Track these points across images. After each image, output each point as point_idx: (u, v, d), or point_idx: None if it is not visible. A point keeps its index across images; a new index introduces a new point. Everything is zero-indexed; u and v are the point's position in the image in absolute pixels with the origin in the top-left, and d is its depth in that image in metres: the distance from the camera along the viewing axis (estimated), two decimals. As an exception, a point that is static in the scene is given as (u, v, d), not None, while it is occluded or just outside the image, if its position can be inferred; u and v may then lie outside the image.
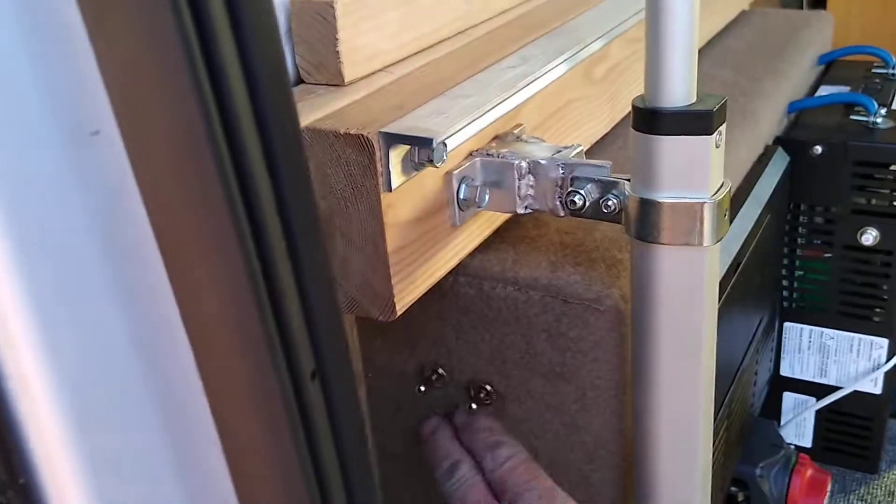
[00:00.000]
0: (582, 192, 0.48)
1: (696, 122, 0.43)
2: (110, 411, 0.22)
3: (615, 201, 0.47)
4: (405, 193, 0.45)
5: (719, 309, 0.63)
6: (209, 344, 0.23)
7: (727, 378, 0.71)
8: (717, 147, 0.44)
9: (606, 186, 0.48)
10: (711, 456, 0.53)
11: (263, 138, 0.21)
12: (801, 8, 1.91)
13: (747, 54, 0.92)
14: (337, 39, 0.46)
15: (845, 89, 0.90)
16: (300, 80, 0.49)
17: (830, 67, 0.99)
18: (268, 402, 0.22)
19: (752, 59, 0.91)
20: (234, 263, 0.21)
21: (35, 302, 0.21)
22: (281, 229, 0.22)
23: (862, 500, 0.93)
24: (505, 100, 0.49)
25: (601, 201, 0.47)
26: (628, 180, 0.47)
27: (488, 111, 0.47)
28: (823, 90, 0.92)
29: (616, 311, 0.51)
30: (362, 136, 0.42)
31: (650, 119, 0.43)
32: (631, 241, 0.47)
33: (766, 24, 1.02)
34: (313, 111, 0.45)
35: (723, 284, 0.64)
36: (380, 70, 0.50)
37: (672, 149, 0.44)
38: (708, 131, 0.43)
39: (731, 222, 0.64)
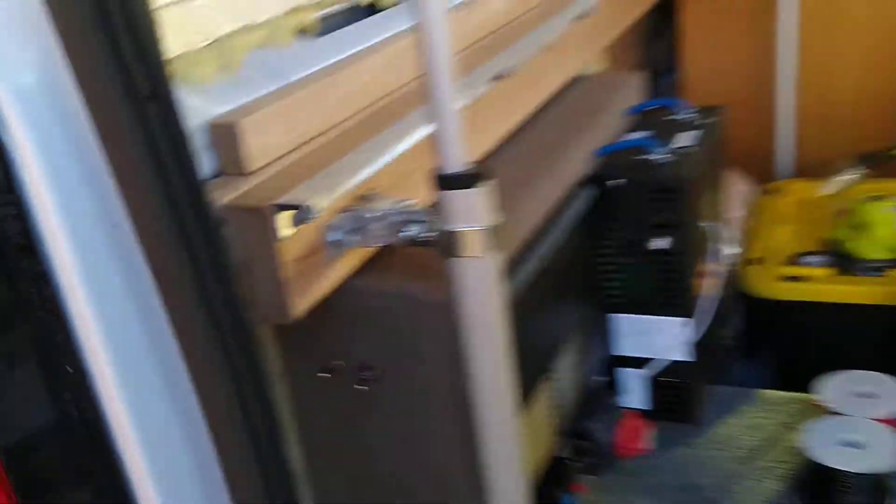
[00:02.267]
0: (409, 230, 0.74)
1: (468, 180, 0.69)
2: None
3: (428, 234, 0.73)
4: (293, 241, 0.70)
5: (533, 304, 0.89)
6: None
7: (547, 358, 0.97)
8: (486, 194, 0.70)
9: (424, 225, 0.74)
10: (518, 428, 0.78)
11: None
12: (656, 71, 2.25)
13: (570, 112, 1.20)
14: (239, 146, 0.72)
15: (645, 134, 1.19)
16: (222, 172, 0.75)
17: (640, 116, 1.28)
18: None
19: (573, 116, 1.19)
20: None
21: (101, 320, 0.45)
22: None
23: (689, 447, 1.20)
24: (360, 177, 0.75)
25: (420, 235, 0.73)
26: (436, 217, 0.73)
27: (346, 184, 0.73)
28: (628, 136, 1.20)
29: (447, 308, 0.76)
30: (259, 208, 0.67)
31: (441, 181, 0.70)
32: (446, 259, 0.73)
33: (590, 87, 1.32)
34: (229, 193, 0.70)
35: (533, 286, 0.90)
36: (273, 161, 0.76)
37: (457, 198, 0.70)
38: (476, 186, 0.69)
39: (536, 244, 0.91)
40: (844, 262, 1.61)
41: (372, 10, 1.00)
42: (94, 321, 0.45)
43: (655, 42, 2.37)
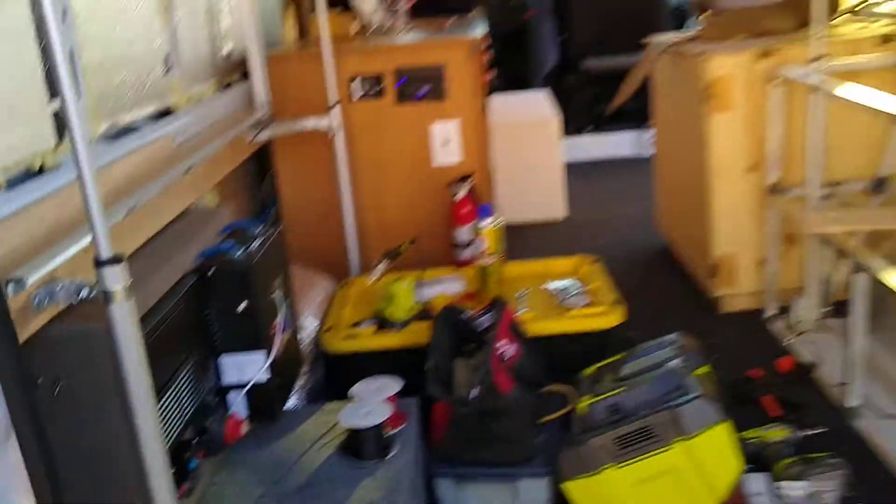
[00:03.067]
0: (83, 293, 1.34)
1: (112, 261, 1.32)
2: None
3: (94, 294, 1.34)
4: (14, 299, 1.27)
5: (161, 335, 1.52)
6: None
7: (172, 371, 1.60)
8: (122, 268, 1.34)
9: (92, 289, 1.35)
10: (155, 414, 1.40)
11: None
12: (265, 201, 3.02)
13: (186, 230, 1.87)
14: (-23, 251, 1.28)
15: (230, 242, 1.90)
16: (-40, 268, 1.29)
17: (230, 232, 1.99)
18: None
19: (188, 232, 1.86)
20: None
21: None
22: None
23: (278, 438, 1.88)
24: (50, 266, 1.34)
25: (90, 295, 1.34)
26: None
27: (43, 269, 1.32)
28: (220, 243, 1.90)
29: (107, 336, 1.37)
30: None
31: (98, 262, 1.32)
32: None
33: (200, 215, 2.01)
34: (-29, 277, 1.25)
35: (160, 327, 1.53)
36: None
37: (108, 270, 1.32)
38: (116, 264, 1.33)
39: (161, 305, 1.56)
40: (382, 323, 2.46)
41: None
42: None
43: (262, 182, 3.16)
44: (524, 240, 4.02)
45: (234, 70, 2.88)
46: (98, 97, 1.89)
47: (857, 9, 3.24)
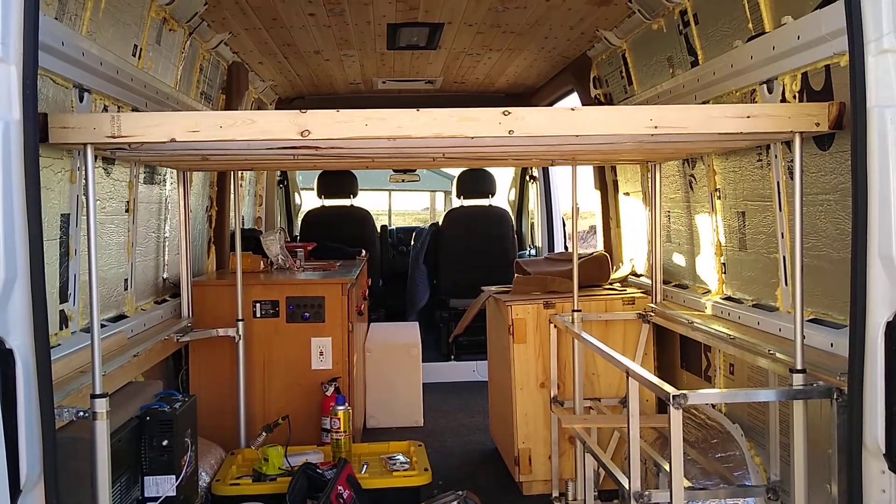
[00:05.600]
0: (82, 416, 2.30)
1: (103, 396, 2.30)
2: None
3: (87, 415, 2.30)
4: (42, 413, 2.22)
5: (114, 456, 2.47)
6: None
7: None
8: (106, 408, 2.31)
9: (90, 411, 2.31)
10: None
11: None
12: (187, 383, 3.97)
13: (131, 394, 2.84)
14: None
15: (161, 400, 2.86)
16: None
17: (162, 396, 2.96)
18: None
19: (133, 397, 2.82)
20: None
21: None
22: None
23: (175, 537, 2.74)
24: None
25: (84, 415, 2.30)
26: (90, 410, 2.30)
27: None
28: (154, 401, 2.87)
29: (87, 440, 2.31)
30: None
31: (94, 396, 2.29)
32: (91, 423, 2.29)
33: (139, 386, 2.98)
34: None
35: (116, 451, 2.46)
36: None
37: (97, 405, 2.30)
38: (104, 398, 2.30)
39: (118, 433, 2.55)
40: (258, 477, 3.38)
41: None
42: None
43: (180, 369, 4.12)
44: (389, 437, 4.99)
45: (169, 290, 3.95)
46: (85, 303, 2.92)
47: (622, 280, 4.63)
